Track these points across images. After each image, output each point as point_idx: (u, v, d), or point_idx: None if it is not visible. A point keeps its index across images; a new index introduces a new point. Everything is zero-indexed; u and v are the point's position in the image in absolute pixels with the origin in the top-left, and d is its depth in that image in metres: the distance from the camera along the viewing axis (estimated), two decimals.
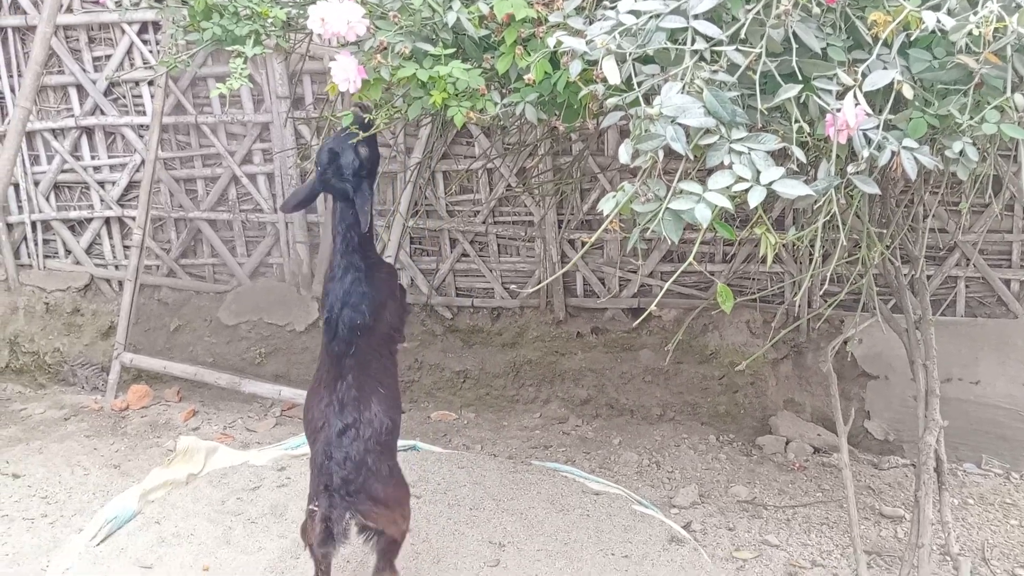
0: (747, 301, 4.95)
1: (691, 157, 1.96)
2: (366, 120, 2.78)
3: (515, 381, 5.45)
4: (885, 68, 2.01)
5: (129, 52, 5.55)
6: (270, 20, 2.67)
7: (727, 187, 1.90)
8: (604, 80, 2.02)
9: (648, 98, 1.99)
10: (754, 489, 4.41)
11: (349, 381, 3.01)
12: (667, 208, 1.93)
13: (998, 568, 3.75)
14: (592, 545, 3.78)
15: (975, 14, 1.92)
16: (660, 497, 4.33)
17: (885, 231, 3.55)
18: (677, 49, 2.00)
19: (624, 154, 1.98)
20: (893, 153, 2.01)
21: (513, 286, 5.46)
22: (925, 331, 3.73)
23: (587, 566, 3.63)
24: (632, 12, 2.03)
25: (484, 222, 5.39)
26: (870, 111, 1.98)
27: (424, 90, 2.39)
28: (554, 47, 2.14)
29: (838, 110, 1.95)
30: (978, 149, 2.13)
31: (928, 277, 4.64)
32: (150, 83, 5.52)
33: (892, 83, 1.99)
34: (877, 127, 2.01)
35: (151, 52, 5.50)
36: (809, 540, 3.97)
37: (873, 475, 4.57)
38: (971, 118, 2.06)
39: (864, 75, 1.98)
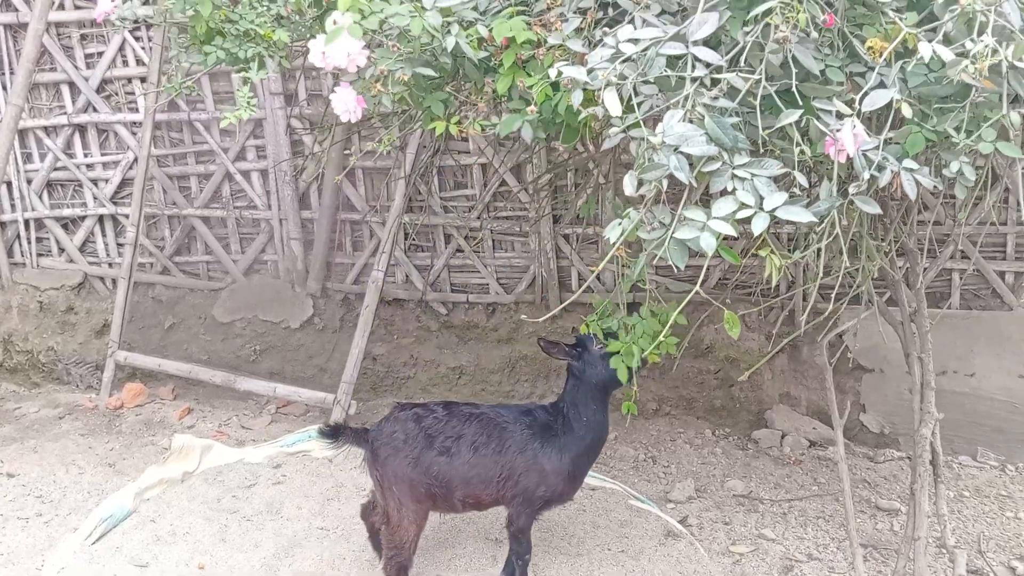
0: (744, 295, 4.95)
1: (695, 185, 1.97)
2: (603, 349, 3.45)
3: (511, 376, 5.44)
4: (883, 86, 2.00)
5: (121, 49, 5.54)
6: (273, 41, 2.68)
7: (731, 213, 1.90)
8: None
9: (648, 121, 1.99)
10: (750, 483, 4.41)
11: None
12: (672, 237, 1.94)
13: (994, 560, 3.76)
14: (589, 540, 3.78)
15: (972, 42, 1.91)
16: (656, 492, 4.33)
17: (883, 236, 3.55)
18: (678, 76, 2.00)
19: (629, 185, 1.99)
20: (893, 173, 2.01)
21: (508, 282, 5.45)
22: (920, 324, 3.73)
23: (585, 561, 3.63)
24: (631, 40, 2.03)
25: (479, 217, 5.38)
26: (869, 135, 1.98)
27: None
28: (555, 78, 2.14)
29: (838, 131, 1.94)
30: (975, 168, 2.14)
31: (923, 270, 4.64)
32: (143, 80, 5.50)
33: (891, 101, 1.98)
34: (877, 147, 2.00)
35: (143, 49, 5.48)
36: (805, 534, 3.97)
37: (869, 468, 4.58)
38: (968, 136, 2.06)
39: (864, 93, 1.97)
